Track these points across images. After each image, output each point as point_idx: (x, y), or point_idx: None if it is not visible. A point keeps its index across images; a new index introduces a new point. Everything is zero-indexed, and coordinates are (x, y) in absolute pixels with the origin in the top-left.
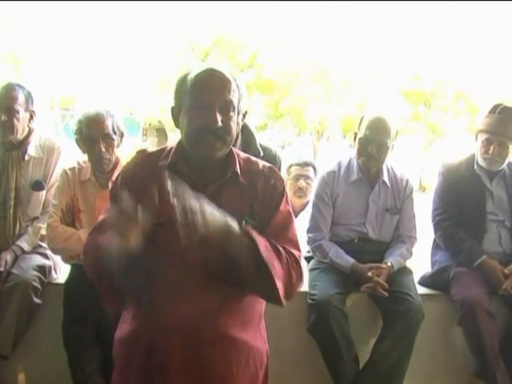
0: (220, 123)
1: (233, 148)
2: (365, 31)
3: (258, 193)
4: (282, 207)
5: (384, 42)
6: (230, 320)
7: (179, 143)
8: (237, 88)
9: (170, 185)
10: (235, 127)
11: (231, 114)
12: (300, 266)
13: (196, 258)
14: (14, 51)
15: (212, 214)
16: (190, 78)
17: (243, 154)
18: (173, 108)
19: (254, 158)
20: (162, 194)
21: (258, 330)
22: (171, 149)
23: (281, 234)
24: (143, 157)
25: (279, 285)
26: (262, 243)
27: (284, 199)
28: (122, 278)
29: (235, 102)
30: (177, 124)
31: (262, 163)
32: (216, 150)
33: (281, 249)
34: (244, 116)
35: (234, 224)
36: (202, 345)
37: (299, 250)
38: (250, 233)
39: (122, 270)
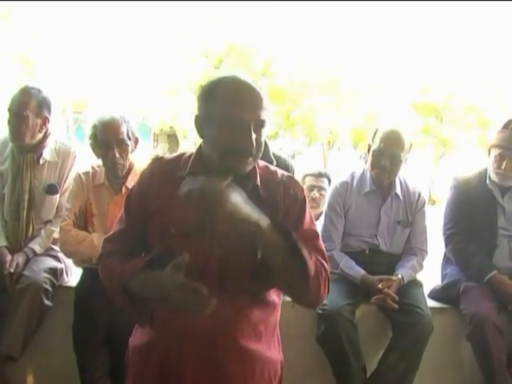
0: (253, 144)
1: None
2: (376, 42)
3: (277, 204)
4: (306, 219)
5: (395, 53)
6: (245, 331)
7: (198, 152)
8: (267, 102)
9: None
10: (263, 141)
11: (262, 131)
12: (328, 276)
13: (213, 268)
14: (26, 53)
15: (239, 211)
16: (219, 89)
17: (261, 163)
18: (197, 117)
19: (272, 167)
20: (180, 203)
21: (272, 341)
22: (189, 156)
23: (309, 246)
24: (160, 165)
25: (311, 267)
26: (295, 236)
27: (306, 210)
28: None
29: (266, 119)
30: (201, 134)
31: (280, 172)
32: (247, 166)
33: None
34: None
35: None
36: (216, 355)
37: (327, 261)
38: (285, 226)
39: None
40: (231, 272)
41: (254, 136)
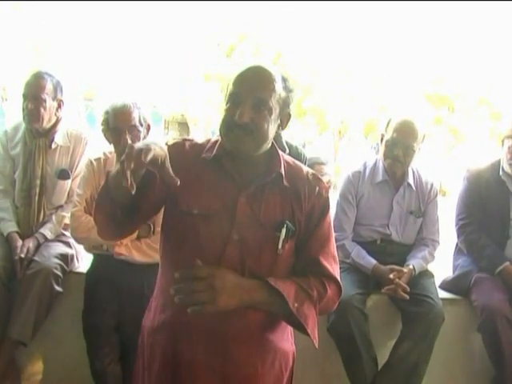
0: (247, 119)
1: (278, 149)
2: (389, 33)
3: (301, 199)
4: (327, 220)
5: (407, 44)
6: (259, 319)
7: None
8: (283, 89)
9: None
10: (269, 127)
11: (265, 112)
12: (337, 284)
13: (232, 253)
14: (37, 40)
15: (225, 287)
16: (236, 74)
17: (287, 157)
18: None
19: (298, 163)
20: (204, 185)
21: (285, 332)
22: (216, 142)
23: (323, 248)
24: (189, 145)
25: (312, 330)
26: (291, 295)
27: (328, 210)
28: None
29: (272, 101)
30: None
31: (305, 169)
32: (243, 144)
33: (310, 289)
34: (288, 120)
35: (257, 288)
36: (227, 342)
37: (337, 263)
38: (279, 290)
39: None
40: (250, 259)
41: (248, 112)
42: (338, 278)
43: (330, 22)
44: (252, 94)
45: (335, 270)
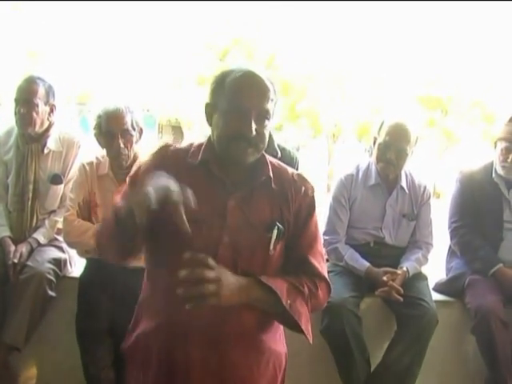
0: (254, 132)
1: (263, 152)
2: (382, 36)
3: (288, 199)
4: (313, 219)
5: (400, 46)
6: (253, 321)
7: (210, 141)
8: (274, 95)
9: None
10: (268, 134)
11: (266, 122)
12: (326, 282)
13: (225, 256)
14: (31, 44)
15: (228, 283)
16: (228, 79)
17: (272, 159)
18: (207, 105)
19: (283, 164)
20: (192, 189)
21: (277, 333)
22: (200, 145)
23: (311, 247)
24: (171, 151)
25: (306, 326)
26: (284, 292)
27: (314, 209)
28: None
29: (271, 111)
30: (209, 122)
31: (290, 170)
32: (248, 156)
33: (301, 286)
34: None
35: (252, 285)
36: (223, 344)
37: (324, 260)
38: (272, 287)
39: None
40: (242, 261)
41: (254, 125)
42: (327, 276)
43: (324, 26)
44: (256, 106)
45: (323, 268)
